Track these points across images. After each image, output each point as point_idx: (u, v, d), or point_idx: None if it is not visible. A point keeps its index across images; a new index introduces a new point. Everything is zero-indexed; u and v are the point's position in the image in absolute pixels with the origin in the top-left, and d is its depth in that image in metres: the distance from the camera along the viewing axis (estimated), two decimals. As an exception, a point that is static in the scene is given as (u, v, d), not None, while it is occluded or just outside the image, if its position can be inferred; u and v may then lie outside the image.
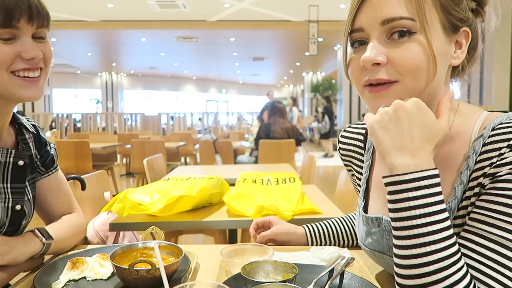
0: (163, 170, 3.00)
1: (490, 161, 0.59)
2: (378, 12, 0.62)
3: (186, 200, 1.44)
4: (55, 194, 1.06)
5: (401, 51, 0.61)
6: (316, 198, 1.68)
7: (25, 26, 0.80)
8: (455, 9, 0.63)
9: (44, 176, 1.04)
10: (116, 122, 12.70)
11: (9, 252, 0.81)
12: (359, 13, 0.65)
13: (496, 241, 0.56)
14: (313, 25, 8.69)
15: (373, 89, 0.64)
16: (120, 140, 6.30)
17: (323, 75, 17.57)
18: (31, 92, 0.83)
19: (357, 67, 0.66)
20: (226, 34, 11.09)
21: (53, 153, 1.06)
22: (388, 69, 0.62)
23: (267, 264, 0.77)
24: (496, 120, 0.63)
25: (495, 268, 0.55)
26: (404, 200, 0.56)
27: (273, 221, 1.13)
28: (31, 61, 0.81)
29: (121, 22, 9.88)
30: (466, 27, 0.65)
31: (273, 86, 25.21)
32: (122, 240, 1.55)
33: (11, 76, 0.81)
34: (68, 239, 1.01)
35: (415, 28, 0.61)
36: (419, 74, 0.61)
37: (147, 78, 20.76)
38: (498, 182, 0.57)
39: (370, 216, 0.77)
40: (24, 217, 0.94)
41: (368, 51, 0.62)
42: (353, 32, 0.66)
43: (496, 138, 0.60)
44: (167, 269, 0.74)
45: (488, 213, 0.57)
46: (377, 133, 0.60)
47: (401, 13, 0.61)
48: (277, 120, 4.73)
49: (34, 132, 1.01)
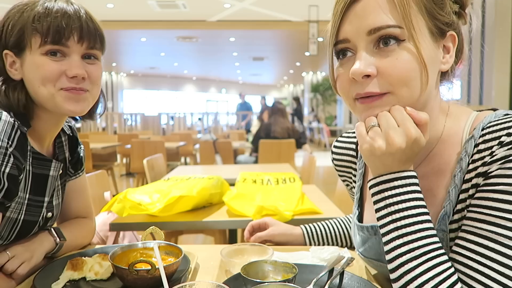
0: (163, 170, 3.00)
1: (482, 161, 0.59)
2: (363, 21, 0.60)
3: (186, 200, 1.44)
4: (76, 196, 1.06)
5: (390, 61, 0.59)
6: (316, 198, 1.68)
7: (75, 45, 0.82)
8: (440, 13, 0.62)
9: (72, 178, 1.05)
10: (116, 122, 12.69)
11: (32, 257, 0.84)
12: (343, 24, 0.62)
13: (487, 236, 0.56)
14: (313, 25, 8.68)
15: (365, 100, 0.62)
16: (120, 140, 6.29)
17: (323, 75, 17.55)
18: (73, 107, 0.83)
19: (345, 80, 0.64)
20: (226, 34, 11.09)
21: (82, 155, 1.07)
22: (379, 80, 0.60)
23: (267, 264, 0.77)
24: (485, 120, 0.63)
25: (485, 263, 0.55)
26: (382, 199, 0.61)
27: (269, 222, 1.12)
28: (74, 80, 0.82)
29: (121, 22, 9.88)
30: (452, 31, 0.64)
31: (273, 86, 25.22)
32: (122, 240, 1.55)
33: (58, 91, 0.82)
34: (77, 242, 1.02)
35: (403, 36, 0.59)
36: (412, 83, 0.60)
37: (147, 78, 20.74)
38: (489, 178, 0.57)
39: (366, 225, 0.76)
40: (51, 220, 0.95)
41: (357, 63, 0.60)
42: (338, 43, 0.63)
43: (486, 137, 0.60)
44: (167, 269, 0.74)
45: (479, 210, 0.58)
46: (369, 160, 0.63)
47: (387, 21, 0.59)
48: (277, 120, 4.73)
49: (69, 134, 1.02)
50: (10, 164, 0.73)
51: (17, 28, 0.81)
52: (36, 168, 0.87)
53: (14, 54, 0.82)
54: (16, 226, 0.84)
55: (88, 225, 1.08)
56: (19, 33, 0.81)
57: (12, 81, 0.83)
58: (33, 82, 0.82)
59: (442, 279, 0.55)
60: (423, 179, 0.67)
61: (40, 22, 0.79)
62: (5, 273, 0.80)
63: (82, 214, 1.08)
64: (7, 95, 0.82)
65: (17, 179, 0.76)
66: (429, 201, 0.65)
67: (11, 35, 0.81)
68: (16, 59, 0.83)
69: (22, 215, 0.84)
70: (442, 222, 0.64)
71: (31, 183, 0.86)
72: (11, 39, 0.81)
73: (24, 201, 0.85)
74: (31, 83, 0.82)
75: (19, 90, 0.83)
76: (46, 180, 0.90)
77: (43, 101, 0.83)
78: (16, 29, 0.81)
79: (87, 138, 5.93)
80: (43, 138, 0.90)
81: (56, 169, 0.92)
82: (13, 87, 0.83)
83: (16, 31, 0.81)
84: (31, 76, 0.82)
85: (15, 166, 0.74)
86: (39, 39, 0.80)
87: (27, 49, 0.81)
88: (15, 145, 0.75)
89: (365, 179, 0.83)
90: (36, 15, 0.80)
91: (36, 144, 0.88)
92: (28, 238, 0.88)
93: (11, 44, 0.82)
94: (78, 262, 0.84)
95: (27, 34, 0.80)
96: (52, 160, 0.91)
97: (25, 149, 0.80)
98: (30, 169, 0.85)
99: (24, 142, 0.79)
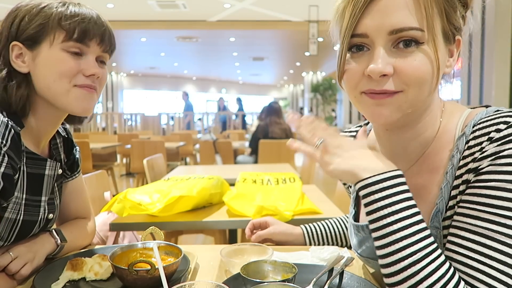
0: (163, 170, 3.00)
1: (472, 157, 0.59)
2: (386, 19, 0.58)
3: (186, 200, 1.44)
4: (74, 197, 1.07)
5: (409, 62, 0.59)
6: (316, 198, 1.68)
7: (95, 46, 0.86)
8: (454, 16, 0.62)
9: (69, 179, 1.05)
10: (116, 122, 12.69)
11: (35, 258, 0.84)
12: (363, 17, 0.60)
13: (482, 233, 0.56)
14: (313, 25, 8.68)
15: (376, 96, 0.61)
16: (120, 140, 6.29)
17: (323, 75, 17.54)
18: (85, 104, 0.87)
19: (356, 74, 0.63)
20: (226, 34, 11.08)
21: (78, 157, 1.07)
22: (394, 80, 0.60)
23: (267, 264, 0.77)
24: (476, 117, 0.63)
25: (482, 261, 0.55)
26: (372, 202, 0.59)
27: (270, 221, 1.13)
28: (90, 78, 0.86)
29: (121, 22, 9.88)
30: (459, 35, 0.65)
31: (273, 86, 25.20)
32: (122, 240, 1.55)
33: (72, 88, 0.85)
34: (77, 243, 1.02)
35: (423, 39, 0.59)
36: (424, 85, 0.60)
37: (147, 78, 20.74)
38: (480, 174, 0.58)
39: (362, 224, 0.76)
40: (51, 222, 0.96)
41: (377, 62, 0.59)
42: (354, 36, 0.61)
43: (477, 134, 0.60)
44: (166, 269, 0.74)
45: (472, 206, 0.58)
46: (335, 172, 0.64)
47: (411, 23, 0.58)
48: (274, 121, 4.73)
49: (64, 135, 1.03)
50: (4, 164, 0.73)
51: (37, 22, 0.83)
52: (31, 168, 0.87)
53: (25, 46, 0.83)
54: (15, 227, 0.84)
55: (88, 226, 1.08)
56: (40, 27, 0.83)
57: (16, 76, 0.84)
58: (48, 76, 0.83)
59: (446, 281, 0.54)
60: (418, 177, 0.68)
61: (67, 21, 0.83)
62: (8, 273, 0.80)
63: (82, 215, 1.08)
64: (7, 91, 0.83)
65: (12, 178, 0.76)
66: (424, 198, 0.66)
67: (27, 28, 0.83)
68: (26, 52, 0.84)
69: (21, 215, 0.84)
70: (435, 219, 0.64)
71: (27, 183, 0.86)
72: (27, 31, 0.83)
73: (22, 201, 0.85)
74: (44, 77, 0.84)
75: (24, 87, 0.84)
76: (42, 179, 0.90)
77: (55, 96, 0.84)
78: (35, 23, 0.83)
79: (87, 138, 5.93)
80: (38, 138, 0.90)
81: (52, 168, 0.92)
82: (17, 84, 0.83)
83: (36, 25, 0.83)
84: (45, 70, 0.83)
85: (9, 165, 0.75)
86: (63, 36, 0.83)
87: (44, 43, 0.83)
88: (9, 144, 0.75)
89: None
90: (63, 15, 0.83)
91: (31, 144, 0.88)
92: (28, 239, 0.88)
93: (25, 36, 0.83)
94: (78, 262, 0.84)
95: (50, 29, 0.83)
96: (47, 159, 0.91)
97: (19, 149, 0.80)
98: (25, 169, 0.85)
99: (18, 141, 0.79)
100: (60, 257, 0.93)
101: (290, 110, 14.95)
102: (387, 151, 0.74)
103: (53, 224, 0.98)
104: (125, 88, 19.94)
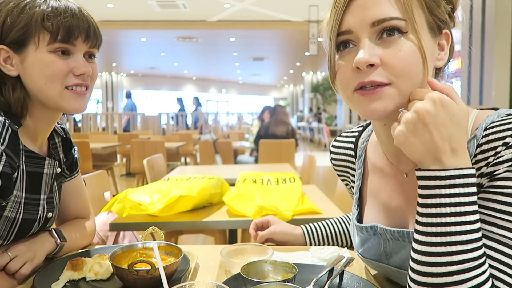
0: (163, 170, 3.00)
1: (486, 161, 0.59)
2: (367, 12, 0.60)
3: (186, 200, 1.44)
4: (73, 197, 1.07)
5: (394, 52, 0.60)
6: (316, 198, 1.68)
7: (81, 44, 0.86)
8: (437, 10, 0.63)
9: (68, 179, 1.05)
10: (116, 122, 12.69)
11: (34, 258, 0.84)
12: (345, 15, 0.62)
13: (499, 240, 0.55)
14: (313, 25, 8.68)
15: (366, 92, 0.61)
16: (120, 140, 6.29)
17: (323, 75, 17.55)
18: (77, 105, 0.87)
19: (347, 72, 0.63)
20: (226, 34, 11.09)
21: (77, 156, 1.07)
22: (382, 71, 0.60)
23: (267, 264, 0.77)
24: (487, 120, 0.62)
25: (499, 268, 0.54)
26: (435, 196, 0.55)
27: (272, 220, 1.14)
28: (81, 77, 0.86)
29: (121, 22, 9.89)
30: (447, 29, 0.66)
31: (273, 86, 25.22)
32: (122, 240, 1.55)
33: (64, 90, 0.85)
34: (77, 243, 1.02)
35: (406, 28, 0.60)
36: (413, 76, 0.60)
37: (147, 78, 20.75)
38: (496, 180, 0.57)
39: (365, 226, 0.76)
40: (50, 221, 0.96)
41: (362, 52, 0.60)
42: (340, 35, 0.63)
43: (490, 138, 0.59)
44: (167, 269, 0.74)
45: (488, 212, 0.57)
46: (406, 144, 0.57)
47: (392, 13, 0.59)
48: (277, 120, 4.76)
49: (63, 135, 1.03)
50: (2, 163, 0.73)
51: (20, 24, 0.81)
52: (30, 167, 0.87)
53: (11, 50, 0.82)
54: (15, 225, 0.84)
55: (88, 226, 1.08)
56: (23, 30, 0.81)
57: (8, 79, 0.83)
58: (38, 79, 0.83)
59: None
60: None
61: (50, 21, 0.81)
62: (8, 272, 0.80)
63: (81, 215, 1.08)
64: (4, 94, 0.83)
65: (10, 177, 0.76)
66: None
67: (11, 31, 0.81)
68: (13, 55, 0.83)
69: (20, 214, 0.84)
70: None
71: (26, 181, 0.86)
72: (11, 35, 0.81)
73: (21, 200, 0.85)
74: (35, 81, 0.83)
75: (18, 89, 0.83)
76: (41, 178, 0.90)
77: (48, 98, 0.84)
78: (18, 25, 0.81)
79: (87, 138, 5.93)
80: (35, 136, 0.91)
81: (50, 166, 0.92)
82: (11, 86, 0.83)
83: (19, 28, 0.81)
84: (35, 73, 0.83)
85: (8, 164, 0.74)
86: (48, 37, 0.82)
87: (30, 46, 0.82)
88: (6, 143, 0.75)
89: (364, 179, 0.82)
90: (45, 14, 0.81)
91: (29, 143, 0.88)
92: (28, 238, 0.88)
93: (10, 40, 0.82)
94: (78, 262, 0.84)
95: (34, 31, 0.81)
96: (45, 158, 0.91)
97: (17, 147, 0.80)
98: (23, 168, 0.85)
99: (16, 140, 0.79)
100: (60, 257, 0.93)
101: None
102: (388, 149, 0.74)
103: (52, 224, 0.98)
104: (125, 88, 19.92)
